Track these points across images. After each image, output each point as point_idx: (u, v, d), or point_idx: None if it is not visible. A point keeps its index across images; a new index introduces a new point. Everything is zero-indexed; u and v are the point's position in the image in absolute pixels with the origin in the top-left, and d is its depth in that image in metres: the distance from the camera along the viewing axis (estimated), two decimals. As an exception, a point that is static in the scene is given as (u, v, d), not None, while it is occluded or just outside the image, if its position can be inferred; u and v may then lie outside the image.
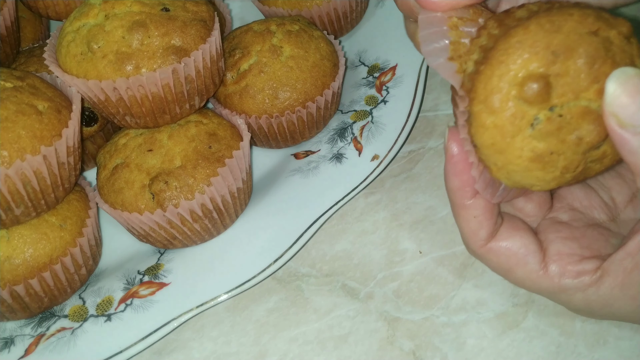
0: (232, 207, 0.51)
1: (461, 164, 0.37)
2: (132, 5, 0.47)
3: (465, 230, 0.40)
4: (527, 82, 0.31)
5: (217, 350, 0.48)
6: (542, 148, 0.32)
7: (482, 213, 0.39)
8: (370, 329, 0.47)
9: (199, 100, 0.51)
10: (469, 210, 0.39)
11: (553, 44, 0.31)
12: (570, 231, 0.40)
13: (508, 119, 0.32)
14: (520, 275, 0.39)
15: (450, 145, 0.37)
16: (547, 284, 0.38)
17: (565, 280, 0.38)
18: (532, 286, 0.39)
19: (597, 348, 0.44)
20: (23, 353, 0.47)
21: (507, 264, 0.39)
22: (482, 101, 0.33)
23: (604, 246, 0.39)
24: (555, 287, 0.38)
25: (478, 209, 0.39)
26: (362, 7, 0.66)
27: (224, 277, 0.49)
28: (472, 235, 0.40)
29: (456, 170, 0.38)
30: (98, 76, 0.46)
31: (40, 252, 0.47)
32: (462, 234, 0.41)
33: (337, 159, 0.55)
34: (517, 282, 0.40)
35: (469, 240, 0.40)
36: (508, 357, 0.44)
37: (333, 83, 0.55)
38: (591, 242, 0.40)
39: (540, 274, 0.38)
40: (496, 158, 0.34)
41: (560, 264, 0.38)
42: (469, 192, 0.38)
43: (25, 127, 0.44)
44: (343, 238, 0.53)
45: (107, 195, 0.49)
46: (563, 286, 0.38)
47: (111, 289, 0.50)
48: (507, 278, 0.41)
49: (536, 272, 0.38)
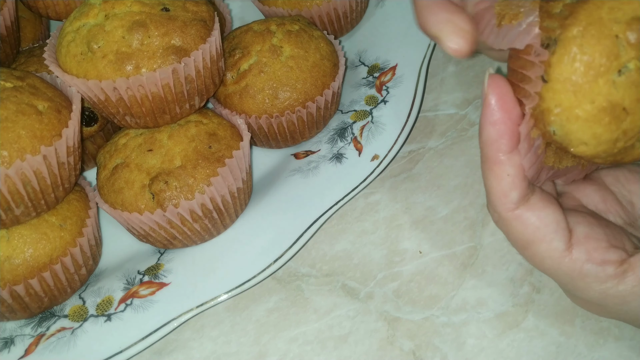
0: (232, 207, 0.51)
1: (501, 112, 0.34)
2: (132, 5, 0.47)
3: (495, 189, 0.37)
4: (635, 24, 0.30)
5: (217, 350, 0.48)
6: (618, 99, 0.31)
7: (517, 173, 0.36)
8: (370, 329, 0.47)
9: (199, 100, 0.51)
10: (503, 167, 0.36)
11: None
12: (596, 218, 0.38)
13: (601, 54, 0.30)
14: (542, 251, 0.36)
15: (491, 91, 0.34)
16: (568, 267, 0.36)
17: (589, 266, 0.35)
18: (552, 265, 0.37)
19: (597, 348, 0.44)
20: (23, 353, 0.47)
21: (533, 236, 0.36)
22: (581, 28, 0.30)
23: (627, 242, 0.37)
24: (576, 272, 0.36)
25: (513, 167, 0.35)
26: (362, 7, 0.66)
27: (224, 277, 0.49)
28: (502, 196, 0.36)
29: (494, 118, 0.34)
30: (98, 76, 0.46)
31: (40, 252, 0.47)
32: (490, 194, 0.37)
33: (337, 159, 0.55)
34: (535, 259, 0.37)
35: (498, 201, 0.37)
36: (508, 357, 0.44)
37: (333, 83, 0.55)
38: (615, 233, 0.37)
39: (564, 254, 0.36)
40: (565, 97, 0.32)
41: (587, 248, 0.36)
42: (506, 145, 0.35)
43: (25, 127, 0.44)
44: (343, 238, 0.53)
45: (107, 195, 0.49)
46: (584, 272, 0.36)
47: (111, 289, 0.50)
48: (524, 252, 0.38)
49: (560, 251, 0.36)
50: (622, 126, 0.32)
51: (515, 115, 0.35)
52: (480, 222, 0.52)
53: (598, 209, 0.40)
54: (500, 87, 0.34)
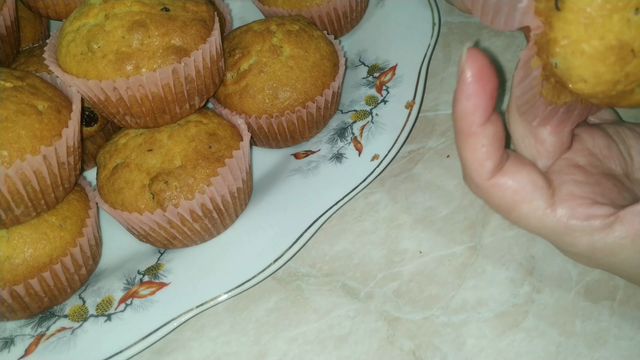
0: (232, 207, 0.51)
1: (476, 86, 0.35)
2: (132, 5, 0.47)
3: (470, 161, 0.37)
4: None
5: (217, 350, 0.48)
6: (628, 39, 0.30)
7: (491, 142, 0.36)
8: (370, 329, 0.47)
9: (199, 100, 0.51)
10: (477, 138, 0.36)
11: None
12: (586, 176, 0.39)
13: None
14: (525, 211, 0.37)
15: (468, 65, 0.34)
16: (553, 223, 0.37)
17: (573, 221, 0.36)
18: (537, 224, 0.38)
19: (597, 348, 0.44)
20: (23, 353, 0.47)
21: (513, 199, 0.37)
22: None
23: (617, 197, 0.38)
24: (562, 227, 0.37)
25: (487, 138, 0.36)
26: (362, 7, 0.66)
27: (224, 277, 0.49)
28: (478, 166, 0.37)
29: (470, 92, 0.35)
30: (98, 76, 0.46)
31: (40, 252, 0.47)
32: (466, 166, 0.38)
33: (337, 159, 0.55)
34: (520, 220, 0.38)
35: (474, 173, 0.38)
36: (508, 357, 0.44)
37: (333, 83, 0.55)
38: (605, 190, 0.38)
39: (547, 212, 0.37)
40: (575, 29, 0.30)
41: (571, 205, 0.36)
42: (480, 117, 0.36)
43: (25, 127, 0.44)
44: (343, 238, 0.53)
45: (107, 195, 0.49)
46: (570, 227, 0.36)
47: (111, 289, 0.50)
48: (509, 216, 0.39)
49: (542, 209, 0.37)
50: (626, 68, 0.31)
51: (490, 88, 0.35)
52: (480, 222, 0.52)
53: (603, 154, 0.41)
54: (477, 61, 0.35)
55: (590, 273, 0.47)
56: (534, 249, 0.49)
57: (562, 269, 0.48)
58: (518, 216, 0.38)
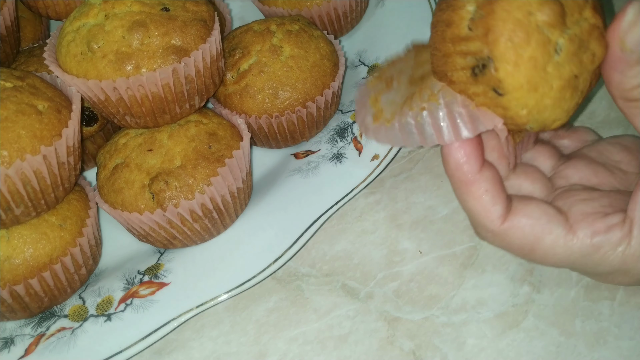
0: (232, 207, 0.51)
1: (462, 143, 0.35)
2: (132, 5, 0.47)
3: (476, 210, 0.36)
4: (544, 7, 0.32)
5: (217, 350, 0.48)
6: (568, 73, 0.33)
7: (493, 185, 0.36)
8: (370, 328, 0.47)
9: (199, 100, 0.51)
10: (478, 185, 0.36)
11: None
12: (589, 193, 0.38)
13: (538, 49, 0.32)
14: (548, 244, 0.36)
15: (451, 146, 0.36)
16: (579, 246, 0.36)
17: (598, 238, 0.35)
18: (563, 253, 0.36)
19: (597, 348, 0.44)
20: (23, 353, 0.47)
21: (532, 235, 0.36)
22: (508, 38, 0.32)
23: (622, 203, 0.37)
24: (589, 248, 0.36)
25: (487, 182, 0.36)
26: (362, 7, 0.66)
27: (224, 277, 0.49)
28: (487, 214, 0.36)
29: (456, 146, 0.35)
30: (98, 76, 0.46)
31: (40, 252, 0.47)
32: (474, 216, 0.37)
33: (337, 159, 0.55)
34: (547, 255, 0.37)
35: (484, 221, 0.37)
36: (508, 357, 0.44)
37: (333, 83, 0.55)
38: (611, 200, 0.37)
39: (569, 238, 0.36)
40: (528, 98, 0.33)
41: (588, 223, 0.36)
42: (476, 164, 0.35)
43: (25, 127, 0.44)
44: (343, 238, 0.53)
45: (107, 195, 0.49)
46: (596, 244, 0.36)
47: (111, 289, 0.50)
48: (533, 255, 0.38)
49: (564, 236, 0.36)
50: (579, 87, 0.34)
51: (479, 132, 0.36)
52: (480, 222, 0.52)
53: (591, 183, 0.41)
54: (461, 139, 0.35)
55: (590, 273, 0.48)
56: (534, 249, 0.49)
57: (562, 269, 0.48)
58: (543, 252, 0.37)
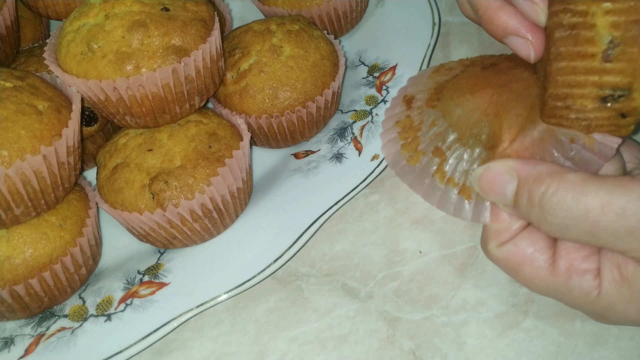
0: (232, 207, 0.51)
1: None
2: (132, 5, 0.47)
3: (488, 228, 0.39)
4: None
5: (217, 350, 0.48)
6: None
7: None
8: (370, 328, 0.47)
9: (199, 100, 0.51)
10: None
11: None
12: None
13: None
14: (528, 273, 0.38)
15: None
16: (554, 282, 0.37)
17: (573, 279, 0.36)
18: (540, 284, 0.38)
19: (597, 348, 0.44)
20: (23, 353, 0.47)
21: (514, 262, 0.38)
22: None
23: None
24: (562, 286, 0.37)
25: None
26: (362, 7, 0.66)
27: (224, 277, 0.49)
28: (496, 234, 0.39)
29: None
30: (98, 76, 0.46)
31: (40, 252, 0.47)
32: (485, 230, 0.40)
33: (337, 159, 0.55)
34: (526, 282, 0.39)
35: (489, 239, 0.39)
36: (508, 357, 0.44)
37: (333, 83, 0.55)
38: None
39: (548, 272, 0.37)
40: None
41: (568, 260, 0.37)
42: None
43: (25, 127, 0.44)
44: (343, 238, 0.53)
45: (107, 195, 0.49)
46: (570, 286, 0.37)
47: (111, 289, 0.50)
48: (515, 278, 0.39)
49: (544, 269, 0.37)
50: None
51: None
52: (480, 222, 0.52)
53: None
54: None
55: (590, 273, 0.47)
56: (534, 249, 0.49)
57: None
58: (523, 278, 0.39)
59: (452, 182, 0.39)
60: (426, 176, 0.40)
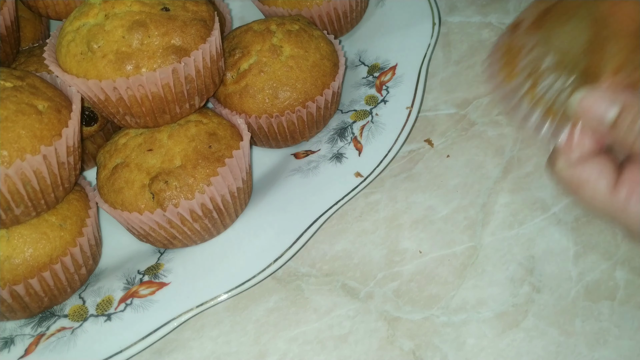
0: (232, 207, 0.51)
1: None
2: (132, 4, 0.47)
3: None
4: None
5: (217, 350, 0.48)
6: None
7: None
8: (370, 328, 0.47)
9: (199, 100, 0.51)
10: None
11: None
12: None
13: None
14: (588, 193, 0.38)
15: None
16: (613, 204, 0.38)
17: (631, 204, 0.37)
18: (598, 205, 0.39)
19: (597, 348, 0.44)
20: (23, 353, 0.47)
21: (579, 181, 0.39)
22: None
23: None
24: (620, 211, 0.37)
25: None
26: (362, 7, 0.66)
27: (224, 277, 0.49)
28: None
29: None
30: (98, 76, 0.46)
31: (40, 252, 0.47)
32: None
33: (337, 159, 0.55)
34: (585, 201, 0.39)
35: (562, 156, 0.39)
36: (508, 357, 0.44)
37: (333, 83, 0.55)
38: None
39: (608, 195, 0.38)
40: None
41: (631, 186, 0.37)
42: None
43: (25, 126, 0.44)
44: (343, 238, 0.53)
45: (107, 195, 0.49)
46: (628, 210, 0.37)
47: (111, 289, 0.50)
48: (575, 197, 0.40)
49: (604, 193, 0.38)
50: None
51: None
52: (480, 222, 0.52)
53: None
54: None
55: (590, 273, 0.48)
56: (534, 249, 0.49)
57: (562, 269, 0.48)
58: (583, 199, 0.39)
59: (542, 102, 0.39)
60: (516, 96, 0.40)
